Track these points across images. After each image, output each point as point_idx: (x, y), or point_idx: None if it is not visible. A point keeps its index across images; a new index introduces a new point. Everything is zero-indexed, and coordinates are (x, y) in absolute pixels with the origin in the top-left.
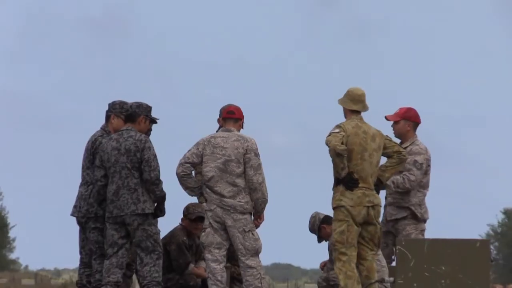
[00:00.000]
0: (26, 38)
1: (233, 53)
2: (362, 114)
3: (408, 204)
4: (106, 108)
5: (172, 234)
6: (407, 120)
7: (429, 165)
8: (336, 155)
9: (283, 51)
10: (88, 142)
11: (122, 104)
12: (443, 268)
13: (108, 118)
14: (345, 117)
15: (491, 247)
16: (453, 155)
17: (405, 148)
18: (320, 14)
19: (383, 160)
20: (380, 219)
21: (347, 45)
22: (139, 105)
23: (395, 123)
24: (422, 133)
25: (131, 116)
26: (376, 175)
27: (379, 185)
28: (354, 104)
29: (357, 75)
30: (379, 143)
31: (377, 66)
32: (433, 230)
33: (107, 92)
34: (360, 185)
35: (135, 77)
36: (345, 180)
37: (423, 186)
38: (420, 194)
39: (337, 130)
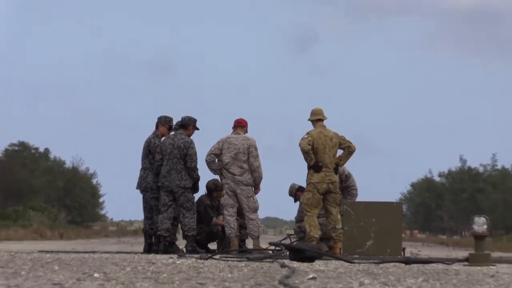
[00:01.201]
0: (107, 75)
1: (238, 84)
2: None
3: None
4: (156, 120)
5: (200, 200)
6: None
7: None
8: (305, 152)
9: (274, 83)
10: (145, 141)
11: (165, 117)
12: (373, 220)
13: (157, 126)
14: (313, 126)
15: (403, 207)
16: (377, 148)
17: None
18: (294, 57)
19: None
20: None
21: (313, 79)
22: (190, 118)
23: None
24: (358, 135)
25: (184, 125)
26: (335, 162)
27: (337, 168)
28: (315, 116)
29: (320, 100)
30: (335, 142)
31: (332, 94)
32: (365, 196)
33: (160, 110)
34: (323, 169)
35: (179, 99)
36: (313, 166)
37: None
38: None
39: (305, 136)
